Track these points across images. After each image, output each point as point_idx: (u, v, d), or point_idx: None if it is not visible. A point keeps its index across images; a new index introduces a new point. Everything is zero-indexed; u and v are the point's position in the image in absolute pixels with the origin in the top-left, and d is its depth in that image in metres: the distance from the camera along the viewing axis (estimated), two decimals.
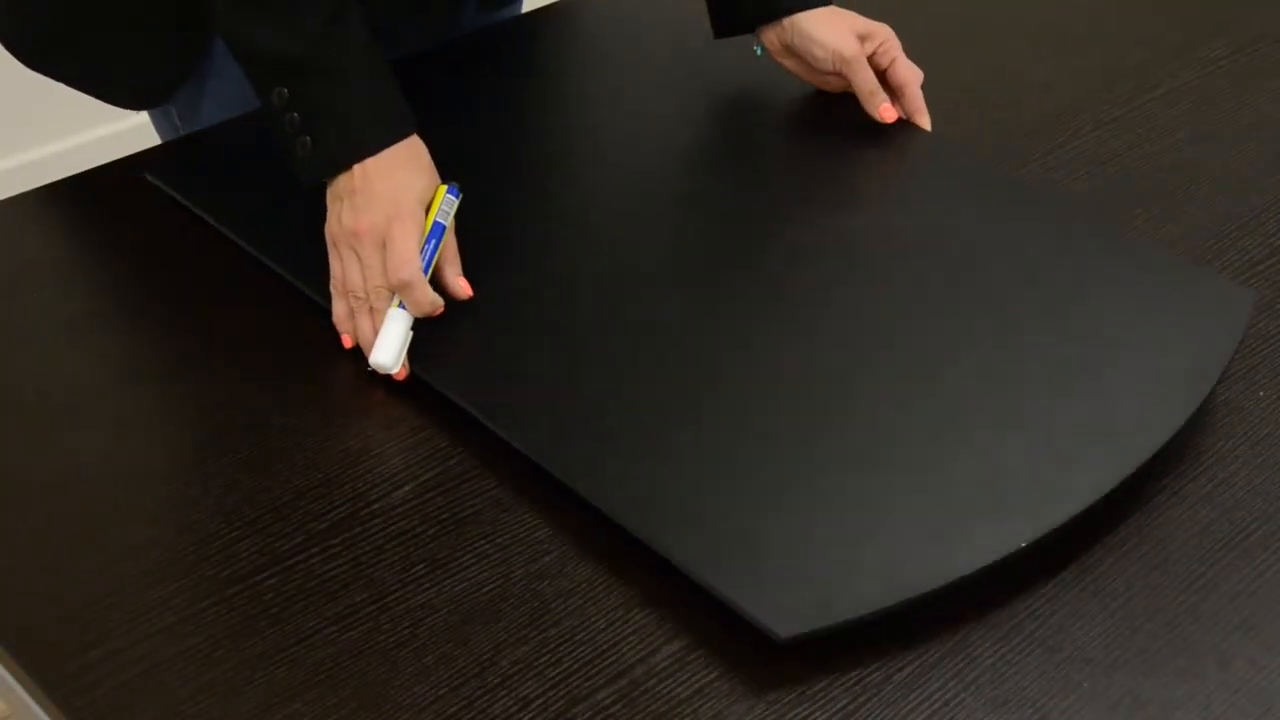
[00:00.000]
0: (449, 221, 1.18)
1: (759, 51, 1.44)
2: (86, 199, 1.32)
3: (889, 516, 1.03)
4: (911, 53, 1.55)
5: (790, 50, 1.42)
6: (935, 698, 0.96)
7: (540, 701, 0.94)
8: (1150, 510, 1.08)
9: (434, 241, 1.16)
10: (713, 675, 0.97)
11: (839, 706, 0.95)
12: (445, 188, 1.18)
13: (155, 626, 0.98)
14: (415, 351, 1.15)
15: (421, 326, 1.16)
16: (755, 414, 1.10)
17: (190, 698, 0.94)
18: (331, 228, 1.17)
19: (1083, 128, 1.46)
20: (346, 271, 1.15)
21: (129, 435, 1.11)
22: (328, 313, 1.19)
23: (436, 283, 1.17)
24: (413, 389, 1.14)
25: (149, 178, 1.33)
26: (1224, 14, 1.64)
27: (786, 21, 1.40)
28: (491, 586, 1.01)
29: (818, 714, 0.95)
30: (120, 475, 1.08)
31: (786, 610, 0.97)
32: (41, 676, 0.95)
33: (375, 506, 1.06)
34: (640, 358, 1.15)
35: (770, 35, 1.42)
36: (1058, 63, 1.55)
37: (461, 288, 1.17)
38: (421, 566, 1.02)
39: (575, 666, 0.97)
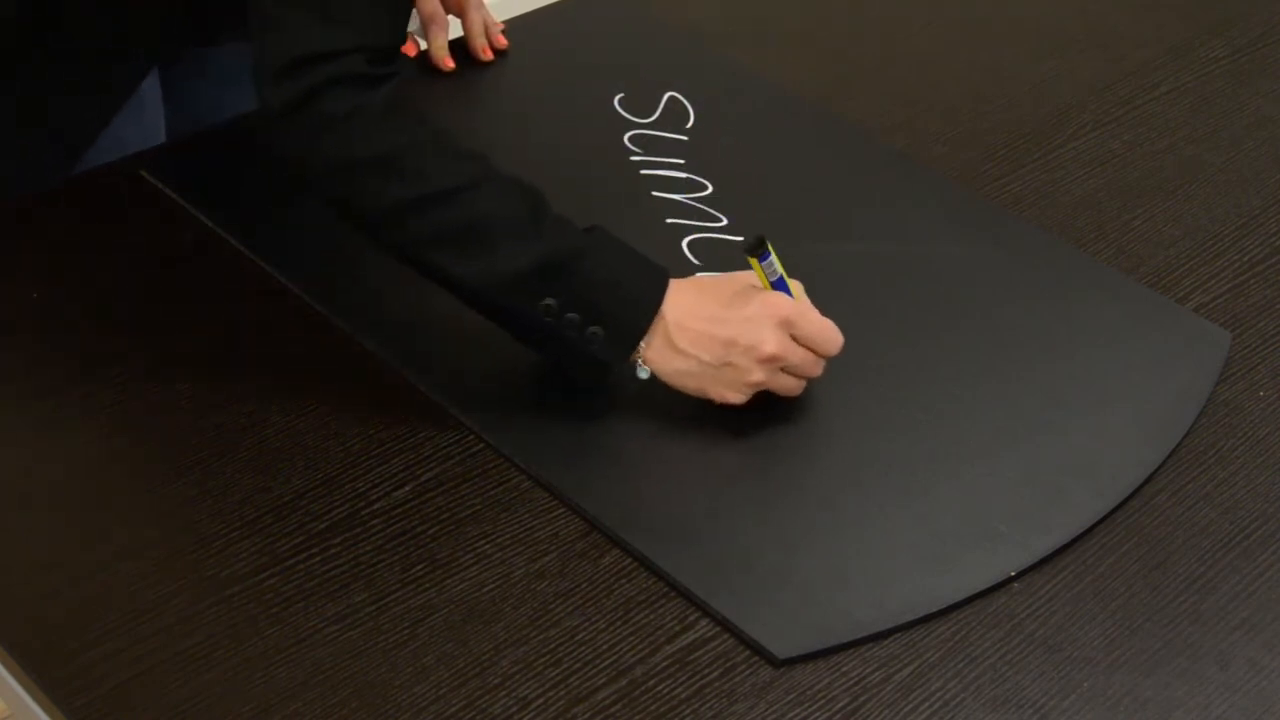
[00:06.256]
0: (780, 268, 1.10)
1: None
2: (85, 198, 1.32)
3: (883, 543, 1.04)
4: (912, 53, 1.56)
5: None
6: (935, 698, 0.96)
7: (540, 701, 0.94)
8: (1150, 510, 1.08)
9: (785, 287, 1.11)
10: (713, 675, 0.97)
11: (839, 706, 0.95)
12: (755, 260, 1.09)
13: (155, 626, 0.98)
14: (424, 369, 1.15)
15: (417, 349, 1.16)
16: (755, 440, 1.11)
17: (190, 698, 0.94)
18: (704, 373, 1.09)
19: (1083, 128, 1.46)
20: (776, 382, 1.10)
21: (129, 435, 1.11)
22: (328, 313, 1.19)
23: None
24: (412, 392, 1.14)
25: (147, 176, 1.33)
26: (1224, 14, 1.64)
27: None
28: (491, 586, 1.01)
29: (818, 714, 0.95)
30: (120, 475, 1.08)
31: (784, 632, 0.98)
32: (41, 676, 0.95)
33: (375, 506, 1.06)
34: (644, 382, 1.15)
35: None
36: (1058, 63, 1.55)
37: None
38: (421, 566, 1.02)
39: (575, 666, 0.97)
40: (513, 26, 1.53)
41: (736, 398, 1.10)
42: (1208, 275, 1.29)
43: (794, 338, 1.09)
